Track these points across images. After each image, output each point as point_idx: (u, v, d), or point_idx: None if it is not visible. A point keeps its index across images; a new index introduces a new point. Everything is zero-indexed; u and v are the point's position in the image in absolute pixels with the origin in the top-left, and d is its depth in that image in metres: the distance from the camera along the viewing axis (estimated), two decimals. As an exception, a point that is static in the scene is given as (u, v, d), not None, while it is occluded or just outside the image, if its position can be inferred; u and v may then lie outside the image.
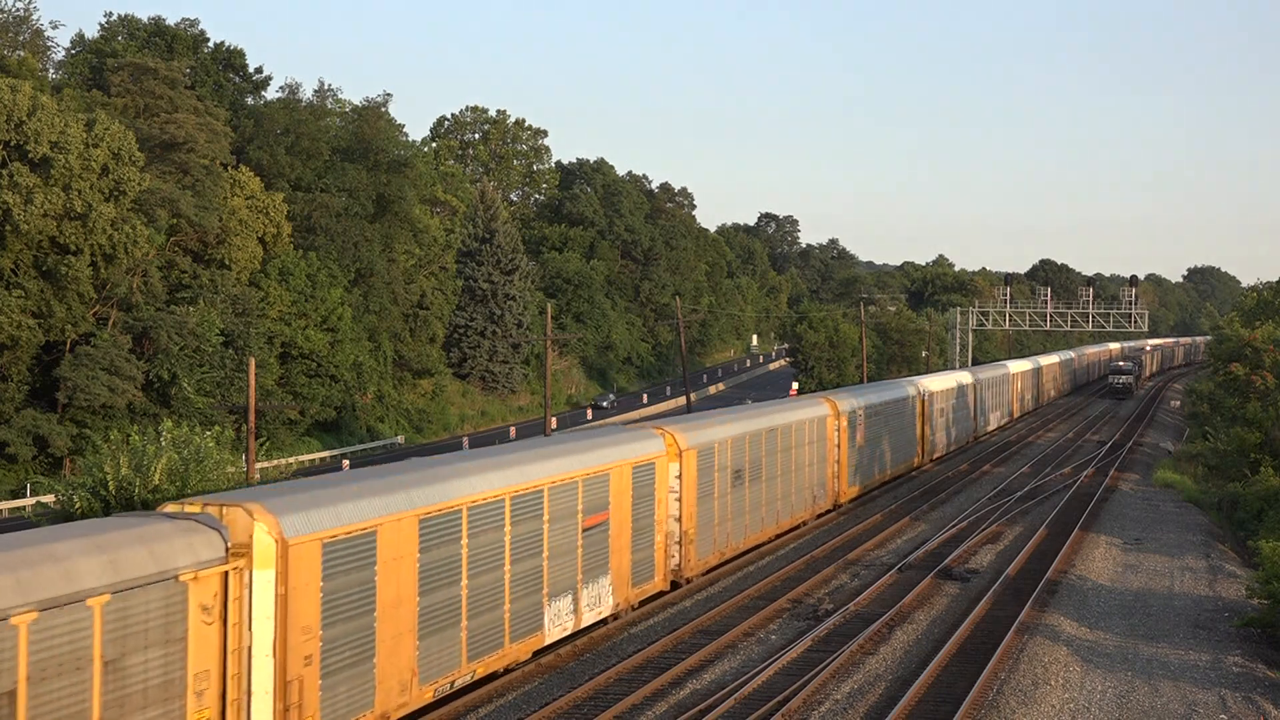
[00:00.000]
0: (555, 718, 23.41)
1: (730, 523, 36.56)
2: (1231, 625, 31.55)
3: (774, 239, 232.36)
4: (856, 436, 49.47)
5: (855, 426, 49.28)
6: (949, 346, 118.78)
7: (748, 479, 37.66)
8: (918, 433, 60.32)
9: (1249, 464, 56.51)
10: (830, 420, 46.28)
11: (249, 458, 41.02)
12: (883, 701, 24.57)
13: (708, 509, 34.68)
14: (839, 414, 47.17)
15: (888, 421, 54.32)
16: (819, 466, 45.11)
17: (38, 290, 58.87)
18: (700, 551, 34.37)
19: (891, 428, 54.91)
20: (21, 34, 78.84)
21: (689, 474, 33.18)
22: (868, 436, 51.15)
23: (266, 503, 18.55)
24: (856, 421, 49.42)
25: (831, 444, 46.44)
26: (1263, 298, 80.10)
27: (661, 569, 32.07)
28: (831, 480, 46.85)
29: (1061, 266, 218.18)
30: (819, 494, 45.32)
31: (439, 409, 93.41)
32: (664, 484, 31.97)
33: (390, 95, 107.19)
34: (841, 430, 47.36)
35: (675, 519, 32.76)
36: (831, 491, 47.06)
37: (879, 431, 52.84)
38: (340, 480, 22.05)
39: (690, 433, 33.91)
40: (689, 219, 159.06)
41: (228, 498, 18.91)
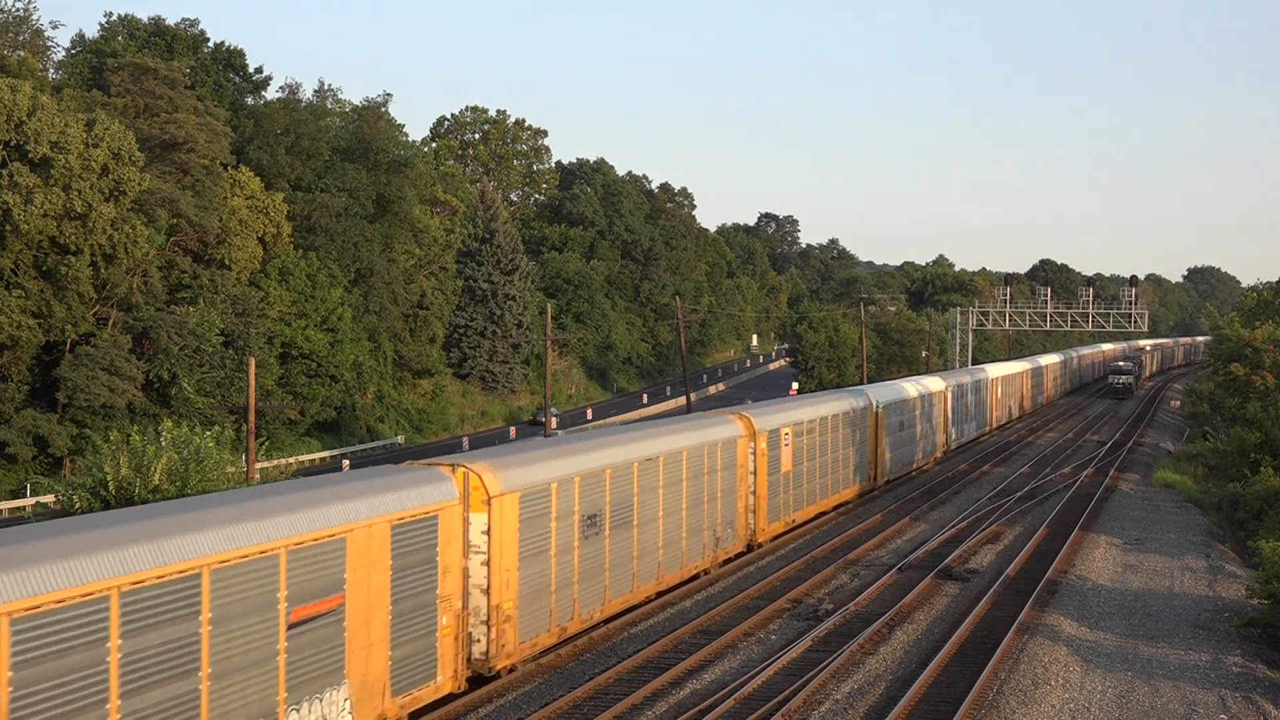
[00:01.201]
0: (555, 718, 23.41)
1: (581, 586, 27.91)
2: (1231, 625, 31.56)
3: (774, 239, 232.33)
4: (781, 460, 41.23)
5: (778, 448, 41.05)
6: (949, 347, 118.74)
7: (608, 525, 29.04)
8: (870, 451, 52.48)
9: (1249, 464, 56.51)
10: (743, 442, 38.11)
11: (249, 458, 41.02)
12: (883, 701, 24.57)
13: (539, 571, 26.14)
14: (755, 434, 38.85)
15: (826, 440, 46.30)
16: (726, 500, 36.79)
17: (38, 290, 58.86)
18: (527, 629, 25.83)
19: (832, 447, 47.14)
20: (21, 34, 78.80)
21: (504, 527, 24.75)
22: (797, 459, 42.95)
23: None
24: (780, 442, 41.24)
25: (744, 471, 38.22)
26: (1263, 298, 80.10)
27: (451, 662, 23.35)
28: (745, 516, 38.60)
29: (1061, 266, 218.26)
30: (725, 535, 37.05)
31: (439, 409, 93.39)
32: (454, 543, 23.48)
33: (390, 95, 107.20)
34: (760, 453, 39.07)
35: (482, 589, 24.42)
36: (744, 530, 38.80)
37: (814, 452, 44.81)
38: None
39: (509, 471, 25.35)
40: (689, 219, 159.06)
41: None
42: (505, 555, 24.82)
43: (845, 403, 49.73)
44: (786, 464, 41.65)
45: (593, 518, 28.36)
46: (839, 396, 50.96)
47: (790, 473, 42.04)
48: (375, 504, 21.19)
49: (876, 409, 53.02)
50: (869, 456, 52.28)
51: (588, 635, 29.03)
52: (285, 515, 18.91)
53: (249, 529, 18.08)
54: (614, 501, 29.29)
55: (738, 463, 37.62)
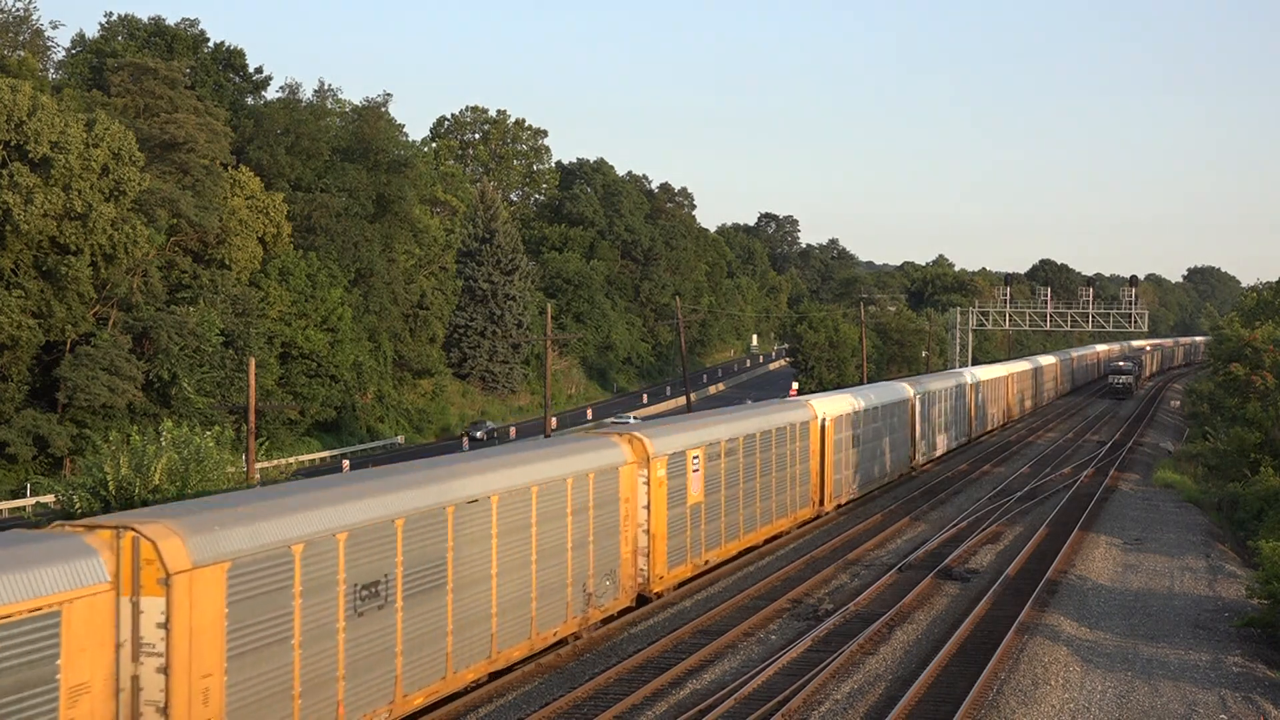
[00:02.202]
0: (555, 718, 23.41)
1: (349, 683, 20.43)
2: (1231, 625, 31.55)
3: (774, 239, 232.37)
4: (688, 489, 33.90)
5: (682, 475, 33.55)
6: (949, 346, 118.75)
7: (401, 594, 21.80)
8: (815, 471, 45.20)
9: (1249, 464, 56.51)
10: (629, 471, 30.41)
11: (249, 458, 41.02)
12: (883, 701, 24.56)
13: (270, 673, 18.66)
14: (650, 459, 31.46)
15: (752, 462, 38.87)
16: (603, 545, 29.24)
17: (38, 290, 58.86)
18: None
19: (760, 470, 39.61)
20: (21, 34, 78.82)
21: (196, 614, 17.27)
22: (712, 487, 35.60)
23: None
24: (686, 468, 33.80)
25: (632, 506, 30.69)
26: (1263, 298, 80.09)
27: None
28: (633, 562, 30.96)
29: (1061, 266, 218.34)
30: (603, 589, 29.16)
31: (439, 409, 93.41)
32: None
33: (390, 95, 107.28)
34: (656, 483, 31.76)
35: (158, 709, 16.79)
36: (632, 580, 30.75)
37: (734, 477, 37.38)
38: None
39: (211, 534, 17.88)
40: (689, 219, 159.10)
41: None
42: (197, 658, 17.22)
43: (780, 416, 41.95)
44: (695, 494, 33.98)
45: (372, 586, 20.97)
46: (772, 410, 42.90)
47: (701, 504, 34.43)
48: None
49: (823, 421, 45.46)
50: (813, 478, 44.60)
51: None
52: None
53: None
54: (413, 561, 21.97)
55: (621, 497, 29.75)
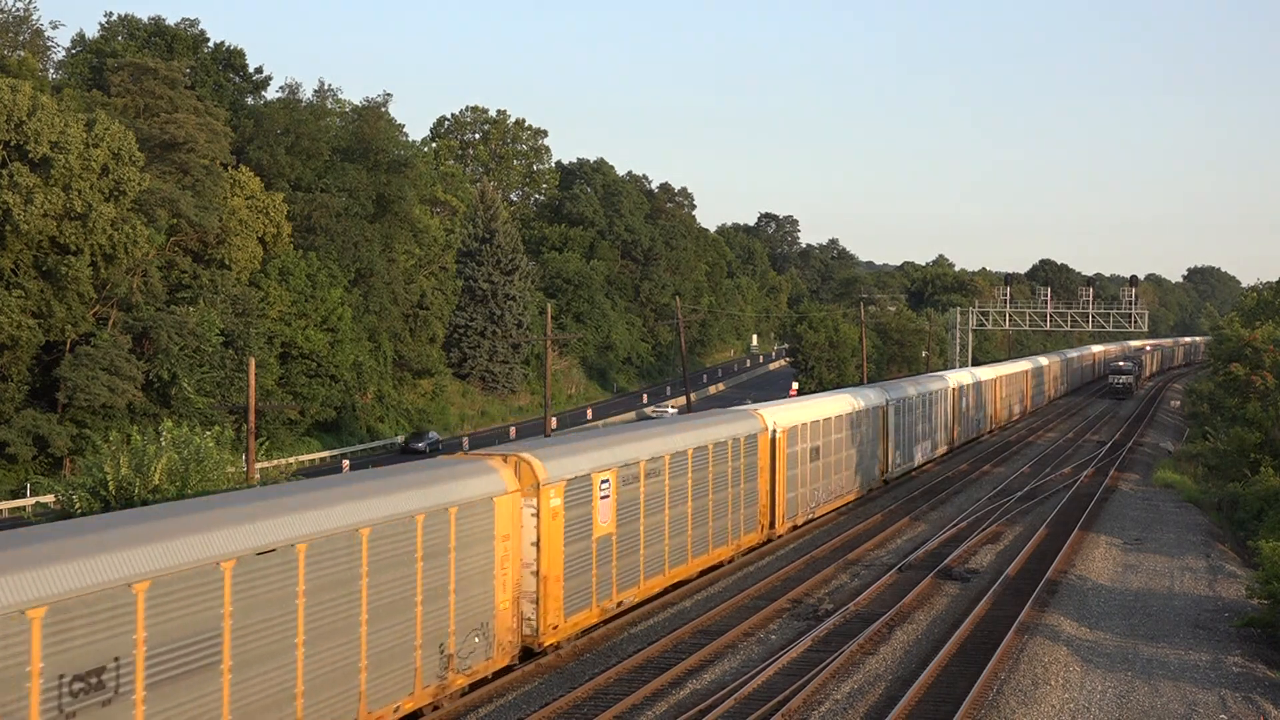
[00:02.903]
0: (555, 718, 23.41)
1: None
2: (1231, 625, 31.56)
3: (774, 239, 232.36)
4: (595, 519, 28.67)
5: (587, 503, 28.35)
6: (949, 346, 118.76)
7: (143, 687, 16.40)
8: (763, 489, 40.29)
9: (1249, 464, 56.52)
10: (509, 502, 25.40)
11: (249, 458, 41.01)
12: (883, 701, 24.56)
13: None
14: (540, 486, 26.26)
15: (683, 482, 33.92)
16: (469, 594, 24.12)
17: (38, 290, 58.86)
18: None
19: (695, 490, 34.63)
20: (21, 34, 78.81)
21: None
22: (628, 514, 30.29)
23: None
24: (593, 493, 28.60)
25: (511, 544, 25.51)
26: (1263, 298, 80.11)
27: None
28: (513, 613, 25.51)
29: (1061, 266, 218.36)
30: (468, 649, 24.00)
31: (439, 409, 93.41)
32: None
33: (390, 95, 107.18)
34: (549, 515, 26.55)
35: None
36: (511, 635, 25.57)
37: (659, 502, 32.18)
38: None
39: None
40: (689, 219, 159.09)
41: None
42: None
43: (720, 429, 36.93)
44: (604, 524, 28.96)
45: (91, 676, 15.54)
46: (711, 422, 37.56)
47: (613, 536, 29.41)
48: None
49: (774, 433, 41.01)
50: (762, 497, 39.97)
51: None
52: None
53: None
54: (164, 637, 16.63)
55: (497, 534, 24.90)
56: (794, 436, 42.85)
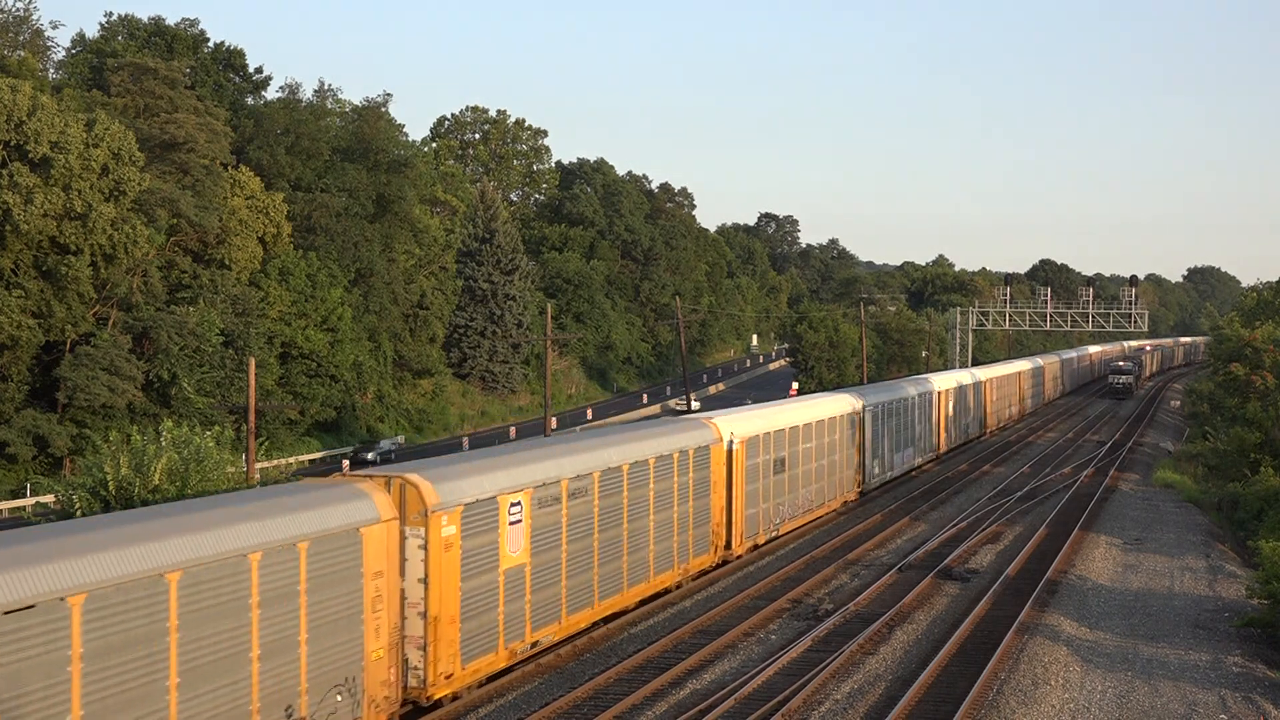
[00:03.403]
0: (555, 718, 23.41)
1: None
2: (1231, 625, 31.56)
3: (774, 239, 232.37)
4: (503, 548, 25.03)
5: (493, 529, 24.71)
6: (949, 346, 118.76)
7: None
8: (716, 508, 36.12)
9: (1249, 464, 56.52)
10: (382, 533, 21.79)
11: (249, 458, 41.00)
12: (883, 701, 24.56)
13: None
14: (427, 514, 22.56)
15: (616, 502, 29.81)
16: (325, 646, 20.54)
17: (38, 290, 58.87)
18: None
19: (631, 511, 30.58)
20: (21, 34, 78.83)
21: None
22: (544, 542, 26.57)
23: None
24: (501, 518, 24.84)
25: (385, 585, 21.92)
26: (1263, 298, 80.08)
27: None
28: (387, 662, 22.04)
29: (1061, 266, 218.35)
30: (321, 714, 20.33)
31: (439, 409, 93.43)
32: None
33: (390, 95, 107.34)
34: (441, 547, 22.93)
35: None
36: (387, 691, 21.99)
37: (587, 526, 28.38)
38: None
39: None
40: (689, 219, 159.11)
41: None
42: None
43: (664, 441, 32.89)
44: (515, 553, 25.24)
45: None
46: (654, 434, 33.34)
47: (526, 566, 25.71)
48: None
49: (731, 445, 37.25)
50: (716, 515, 36.21)
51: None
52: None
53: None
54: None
55: (366, 570, 21.27)
56: (754, 447, 38.85)
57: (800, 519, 43.86)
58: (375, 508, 21.70)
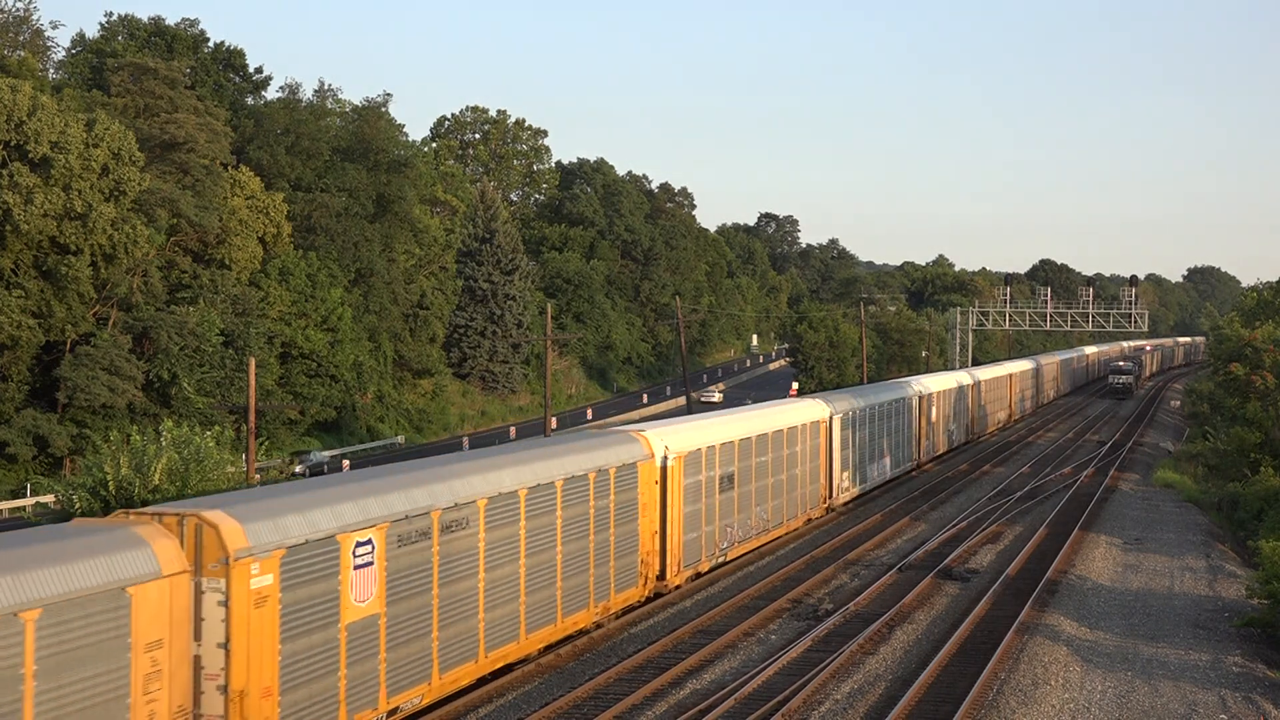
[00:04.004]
0: (555, 718, 23.41)
1: None
2: (1231, 625, 31.56)
3: (774, 239, 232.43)
4: (346, 596, 20.58)
5: (331, 574, 20.37)
6: (949, 346, 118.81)
7: None
8: (647, 537, 31.45)
9: (1249, 464, 56.56)
10: (169, 590, 17.52)
11: (249, 458, 41.01)
12: (883, 701, 24.57)
13: None
14: (232, 561, 18.14)
15: (509, 534, 25.19)
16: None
17: (38, 290, 58.89)
18: None
19: (530, 544, 25.87)
20: (21, 34, 78.86)
21: None
22: (404, 587, 21.98)
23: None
24: (343, 562, 20.50)
25: (173, 653, 17.56)
26: (1263, 298, 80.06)
27: None
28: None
29: (1061, 266, 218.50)
30: None
31: (439, 409, 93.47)
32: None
33: (390, 95, 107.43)
34: (249, 601, 18.43)
35: None
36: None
37: (465, 564, 23.67)
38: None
39: None
40: (689, 219, 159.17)
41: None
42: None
43: (578, 460, 28.24)
44: (365, 603, 20.80)
45: None
46: (573, 449, 28.83)
47: (379, 617, 21.14)
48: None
49: (665, 462, 32.63)
50: (645, 543, 31.40)
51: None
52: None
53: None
54: None
55: (135, 641, 16.85)
56: (695, 463, 34.31)
57: (754, 541, 39.21)
58: (154, 558, 17.07)
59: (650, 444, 32.07)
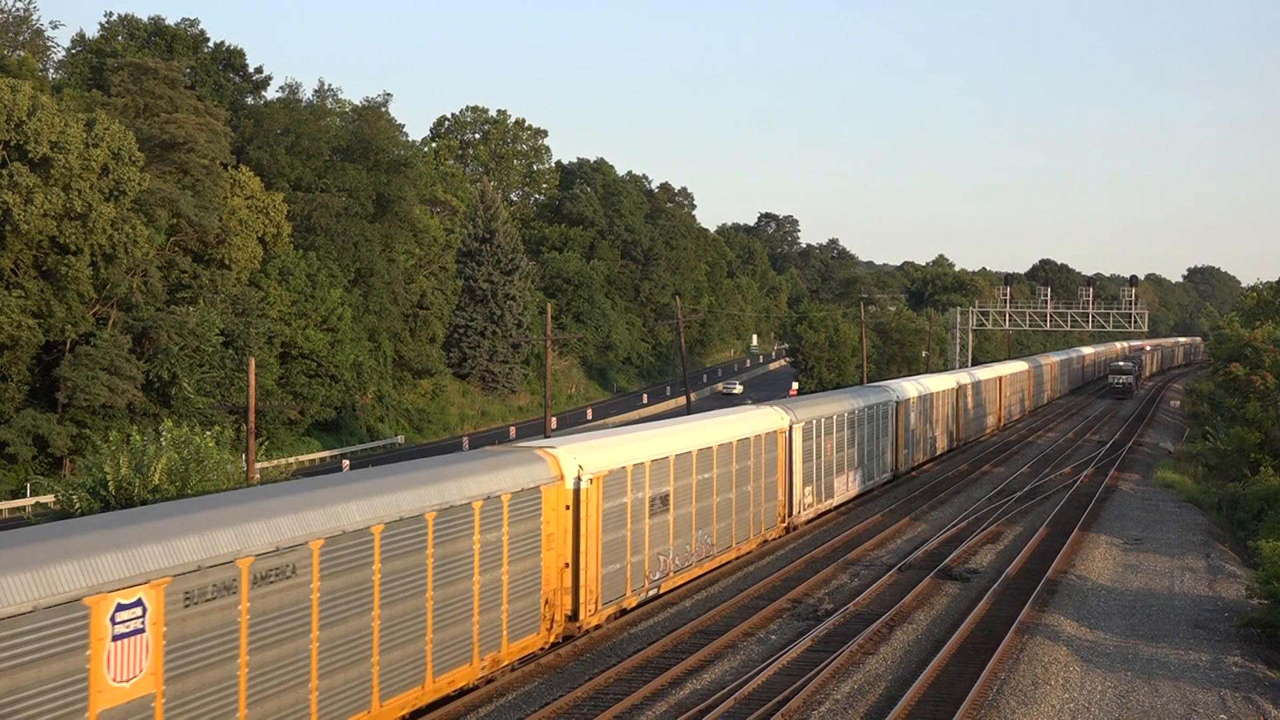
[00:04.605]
0: (555, 718, 23.41)
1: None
2: (1231, 625, 31.56)
3: (774, 239, 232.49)
4: (112, 671, 15.96)
5: (67, 654, 15.35)
6: (949, 346, 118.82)
7: None
8: (550, 576, 26.82)
9: (1249, 464, 56.56)
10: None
11: (249, 458, 41.02)
12: (883, 701, 24.57)
13: None
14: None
15: (359, 583, 20.67)
16: None
17: (38, 290, 58.90)
18: None
19: (379, 597, 21.13)
20: (21, 34, 78.84)
21: None
22: (198, 662, 17.31)
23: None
24: (79, 640, 15.47)
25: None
26: (1263, 298, 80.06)
27: None
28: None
29: (1061, 266, 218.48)
30: None
31: (439, 409, 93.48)
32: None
33: (390, 95, 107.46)
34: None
35: None
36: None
37: (294, 621, 19.17)
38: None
39: None
40: (689, 219, 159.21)
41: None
42: None
43: (457, 486, 23.57)
44: (130, 682, 16.28)
45: None
46: (457, 472, 24.09)
47: (155, 699, 16.63)
48: None
49: (579, 484, 27.72)
50: (550, 580, 26.78)
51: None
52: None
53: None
54: None
55: None
56: (617, 485, 29.56)
57: (696, 569, 34.70)
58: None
59: (559, 463, 27.40)
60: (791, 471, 42.55)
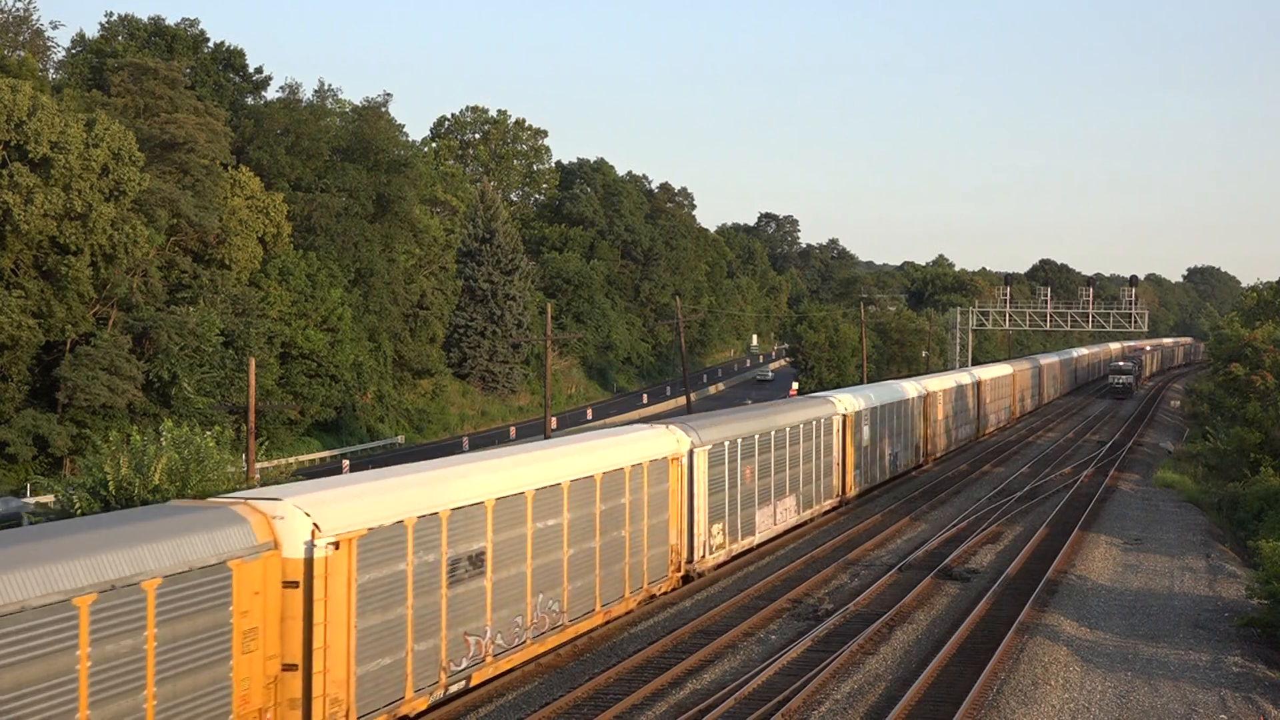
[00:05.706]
0: (555, 718, 23.42)
1: None
2: (1231, 625, 31.57)
3: (774, 239, 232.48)
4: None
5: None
6: (949, 346, 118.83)
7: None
8: (251, 695, 18.73)
9: (1249, 464, 56.57)
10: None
11: (249, 458, 41.01)
12: (883, 701, 24.57)
13: None
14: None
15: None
16: None
17: (38, 290, 58.89)
18: None
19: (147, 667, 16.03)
20: (21, 34, 78.83)
21: None
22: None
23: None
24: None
25: None
26: (1263, 298, 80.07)
27: None
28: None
29: (1061, 266, 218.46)
30: None
31: (439, 409, 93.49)
32: None
33: (390, 95, 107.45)
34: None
35: None
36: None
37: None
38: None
39: None
40: (689, 219, 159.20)
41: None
42: None
43: (105, 561, 16.48)
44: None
45: None
46: (94, 546, 16.70)
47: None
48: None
49: (312, 552, 19.79)
50: (251, 699, 18.87)
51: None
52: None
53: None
54: None
55: None
56: (391, 545, 21.64)
57: (534, 646, 26.45)
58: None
59: (272, 525, 19.55)
60: (693, 507, 34.42)
